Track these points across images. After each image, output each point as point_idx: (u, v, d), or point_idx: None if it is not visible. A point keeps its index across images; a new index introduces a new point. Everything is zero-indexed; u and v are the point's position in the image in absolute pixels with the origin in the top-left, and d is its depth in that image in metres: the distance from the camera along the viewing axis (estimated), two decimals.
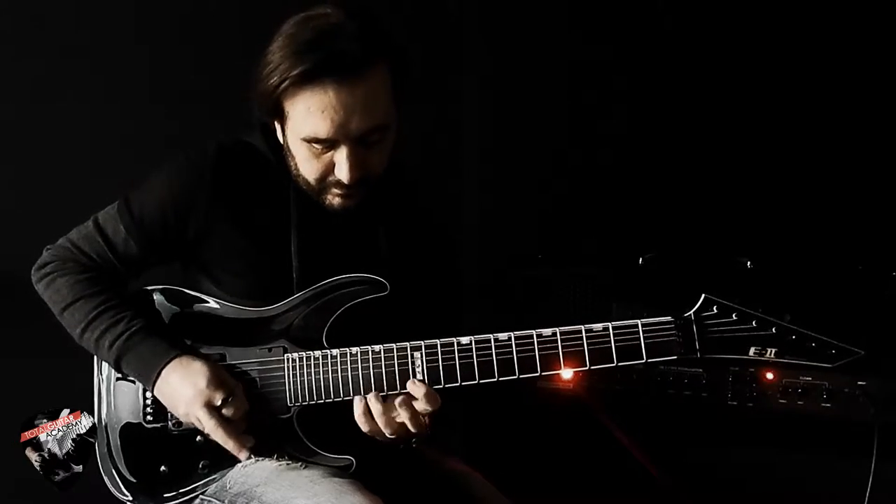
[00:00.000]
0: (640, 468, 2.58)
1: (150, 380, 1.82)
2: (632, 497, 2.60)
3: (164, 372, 1.81)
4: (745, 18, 3.05)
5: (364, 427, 1.79)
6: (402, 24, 2.03)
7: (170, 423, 1.88)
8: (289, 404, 1.84)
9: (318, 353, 1.83)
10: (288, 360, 1.84)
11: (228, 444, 1.79)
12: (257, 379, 1.85)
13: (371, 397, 1.78)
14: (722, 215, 3.01)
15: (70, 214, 1.97)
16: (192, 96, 2.75)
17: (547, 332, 1.75)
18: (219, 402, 1.78)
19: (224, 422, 1.79)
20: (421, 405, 1.76)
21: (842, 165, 2.95)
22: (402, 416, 1.76)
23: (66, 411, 1.95)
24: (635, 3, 3.19)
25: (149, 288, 1.93)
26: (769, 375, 2.37)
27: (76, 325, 1.87)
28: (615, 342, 1.73)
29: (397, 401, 1.76)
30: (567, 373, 1.77)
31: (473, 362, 1.76)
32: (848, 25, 2.93)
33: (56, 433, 1.94)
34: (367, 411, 1.78)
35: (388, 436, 1.77)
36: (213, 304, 1.89)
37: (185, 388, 1.79)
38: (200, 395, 1.78)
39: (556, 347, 1.74)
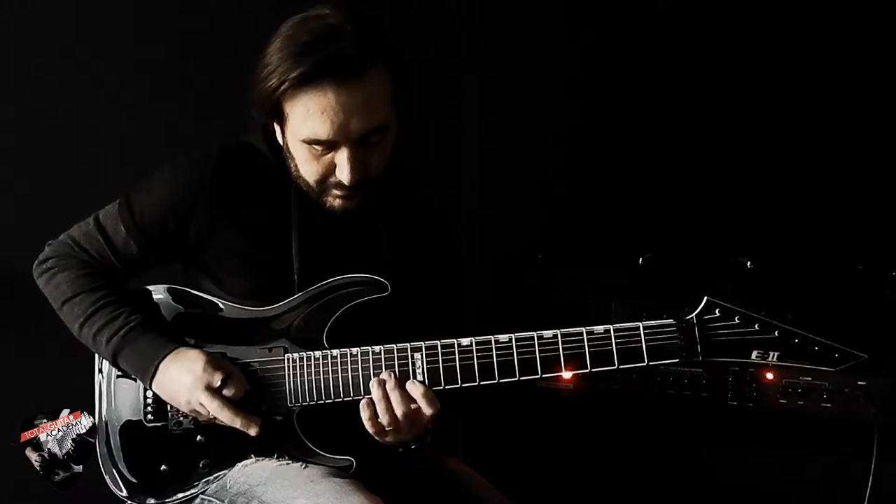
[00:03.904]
0: (639, 467, 2.58)
1: (147, 374, 1.83)
2: (632, 497, 2.59)
3: (161, 365, 1.82)
4: (745, 18, 3.05)
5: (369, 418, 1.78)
6: (401, 24, 2.04)
7: (170, 422, 1.88)
8: (289, 404, 1.84)
9: (318, 353, 1.83)
10: (288, 360, 1.84)
11: (236, 422, 1.78)
12: (257, 379, 1.85)
13: (373, 382, 1.77)
14: (722, 215, 3.00)
15: (70, 214, 1.97)
16: (192, 96, 2.75)
17: (548, 333, 1.75)
18: (218, 383, 1.78)
19: (227, 401, 1.79)
20: (418, 406, 1.75)
21: (841, 165, 2.94)
22: (398, 410, 1.75)
23: (66, 411, 1.96)
24: (635, 3, 3.19)
25: (149, 287, 1.94)
26: (769, 375, 2.37)
27: (75, 320, 1.87)
28: (616, 345, 1.73)
29: (393, 393, 1.75)
30: (567, 373, 1.77)
31: (474, 364, 1.76)
32: (848, 25, 2.93)
33: (56, 433, 1.94)
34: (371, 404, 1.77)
35: (386, 426, 1.76)
36: (213, 303, 1.90)
37: (184, 377, 1.79)
38: (200, 380, 1.78)
39: (557, 349, 1.74)
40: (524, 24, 3.27)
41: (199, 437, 1.87)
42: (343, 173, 1.76)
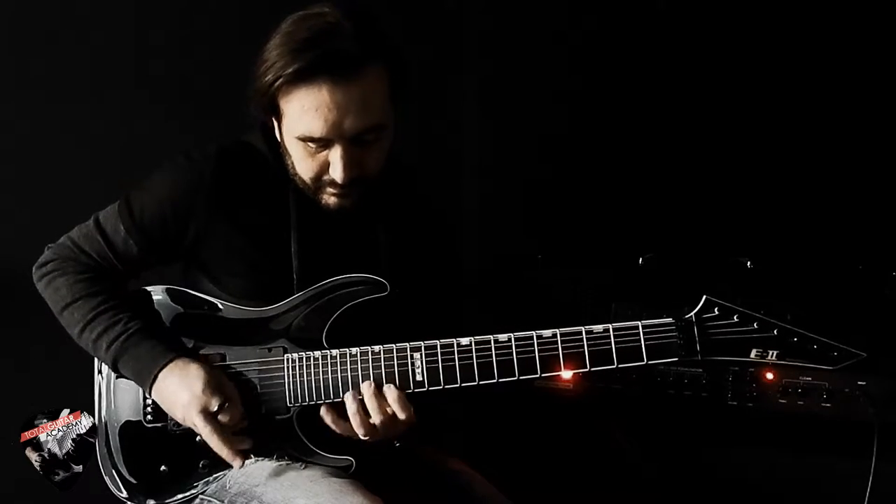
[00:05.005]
0: (638, 467, 2.58)
1: (146, 382, 1.82)
2: (632, 497, 2.59)
3: (160, 375, 1.81)
4: (745, 18, 3.05)
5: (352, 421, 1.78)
6: (401, 23, 2.03)
7: (170, 422, 1.88)
8: (288, 404, 1.84)
9: (317, 353, 1.83)
10: (288, 360, 1.84)
11: (223, 452, 1.78)
12: (257, 379, 1.85)
13: (347, 395, 1.78)
14: (722, 215, 3.00)
15: (70, 214, 1.97)
16: (192, 96, 2.75)
17: (547, 333, 1.75)
18: (215, 408, 1.78)
19: (219, 428, 1.78)
20: (391, 409, 1.76)
21: (841, 165, 2.95)
22: (374, 418, 1.76)
23: (66, 411, 1.96)
24: (636, 3, 3.19)
25: (149, 288, 1.94)
26: (769, 375, 2.37)
27: (75, 325, 1.87)
28: (615, 344, 1.73)
29: (370, 402, 1.76)
30: (566, 373, 1.77)
31: (473, 363, 1.76)
32: (848, 25, 2.93)
33: (56, 433, 1.94)
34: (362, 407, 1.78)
35: (362, 436, 1.77)
36: (213, 304, 1.90)
37: (181, 393, 1.79)
38: (197, 401, 1.78)
39: (557, 349, 1.74)
40: (524, 24, 3.27)
41: (198, 438, 1.86)
42: (336, 171, 1.76)
